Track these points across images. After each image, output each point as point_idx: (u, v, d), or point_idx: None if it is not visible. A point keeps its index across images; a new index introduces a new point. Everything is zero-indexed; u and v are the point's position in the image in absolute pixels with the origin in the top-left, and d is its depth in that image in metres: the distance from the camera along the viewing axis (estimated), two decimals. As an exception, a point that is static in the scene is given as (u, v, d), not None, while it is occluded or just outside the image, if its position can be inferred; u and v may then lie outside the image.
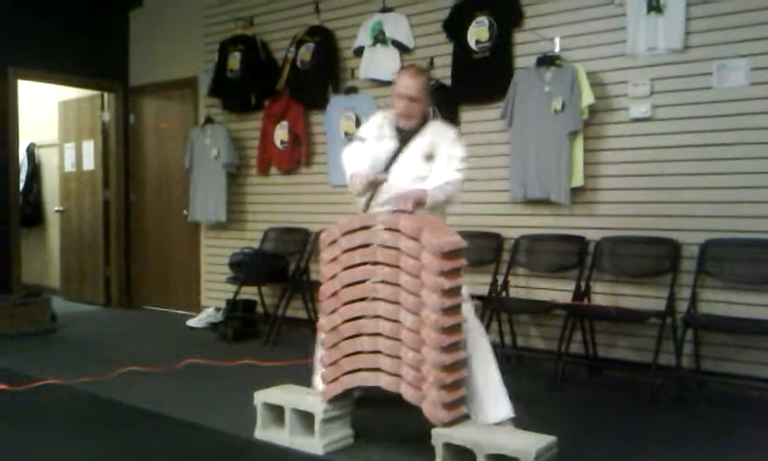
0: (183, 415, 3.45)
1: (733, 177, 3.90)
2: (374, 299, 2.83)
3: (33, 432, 3.25)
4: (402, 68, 3.31)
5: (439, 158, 3.15)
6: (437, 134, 3.21)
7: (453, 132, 3.26)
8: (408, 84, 3.16)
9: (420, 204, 2.94)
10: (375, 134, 3.26)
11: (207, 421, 3.34)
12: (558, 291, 4.40)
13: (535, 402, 3.59)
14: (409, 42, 5.09)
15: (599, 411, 3.62)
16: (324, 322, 2.98)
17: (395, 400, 2.85)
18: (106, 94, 7.07)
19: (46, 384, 4.01)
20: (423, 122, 3.25)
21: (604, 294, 4.30)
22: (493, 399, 2.93)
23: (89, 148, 7.18)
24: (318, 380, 3.13)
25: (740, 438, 3.22)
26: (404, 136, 3.22)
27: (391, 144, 3.22)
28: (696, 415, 3.54)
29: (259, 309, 5.82)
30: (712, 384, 3.95)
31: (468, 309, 3.02)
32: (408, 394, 2.75)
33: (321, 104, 5.54)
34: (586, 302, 4.22)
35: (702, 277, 3.95)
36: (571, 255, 4.36)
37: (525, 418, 2.98)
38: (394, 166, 3.19)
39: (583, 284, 4.24)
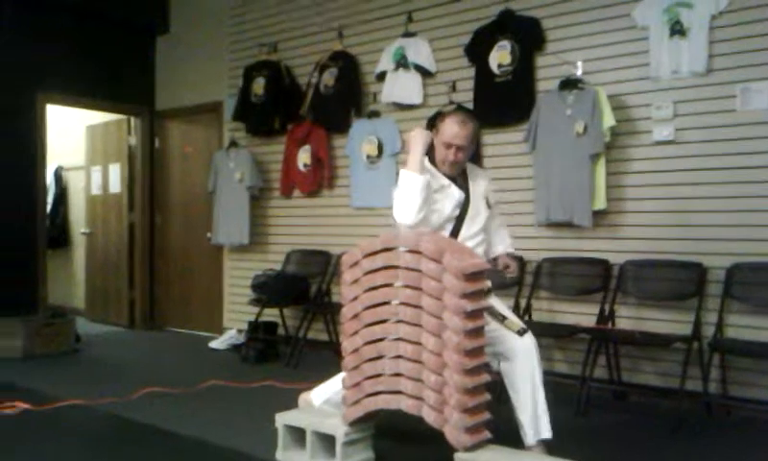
0: (205, 436, 3.45)
1: (759, 200, 3.86)
2: (396, 321, 2.83)
3: (55, 452, 3.27)
4: (448, 114, 3.14)
5: (493, 205, 3.25)
6: (485, 179, 3.28)
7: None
8: (459, 134, 3.04)
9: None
10: (433, 186, 3.06)
11: (229, 442, 3.35)
12: (581, 315, 4.35)
13: (559, 428, 3.54)
14: (431, 67, 5.13)
15: (625, 437, 3.56)
16: (345, 344, 2.98)
17: (417, 424, 2.83)
18: (132, 118, 7.18)
19: (69, 404, 4.04)
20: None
21: (628, 318, 4.25)
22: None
23: (115, 171, 7.29)
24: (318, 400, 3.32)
25: (770, 466, 3.16)
26: (459, 184, 3.15)
27: (456, 193, 3.12)
28: (724, 441, 3.47)
29: (281, 331, 5.83)
30: (740, 410, 3.87)
31: None
32: (430, 417, 2.73)
33: (343, 128, 5.59)
34: (610, 326, 4.18)
35: (728, 301, 3.89)
36: (595, 279, 4.32)
37: (550, 443, 2.94)
38: (465, 216, 3.14)
39: (607, 308, 4.20)
